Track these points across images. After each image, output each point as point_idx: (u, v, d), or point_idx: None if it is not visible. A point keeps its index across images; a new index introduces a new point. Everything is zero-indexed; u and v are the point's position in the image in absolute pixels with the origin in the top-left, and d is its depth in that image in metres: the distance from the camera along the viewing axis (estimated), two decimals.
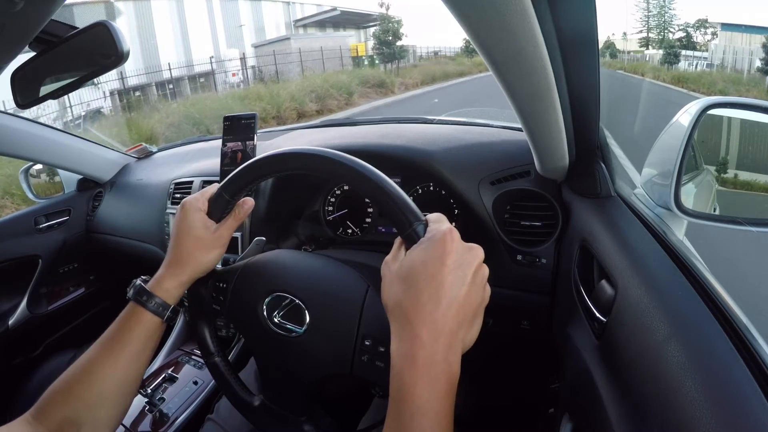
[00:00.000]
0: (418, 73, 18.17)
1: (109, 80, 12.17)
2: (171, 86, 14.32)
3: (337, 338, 0.48)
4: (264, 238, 0.65)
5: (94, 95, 12.03)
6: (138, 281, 0.53)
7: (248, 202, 0.56)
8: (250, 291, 0.54)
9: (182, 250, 0.53)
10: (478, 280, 0.40)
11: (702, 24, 26.75)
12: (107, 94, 12.54)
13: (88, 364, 0.48)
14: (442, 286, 0.37)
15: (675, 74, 18.32)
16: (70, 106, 10.81)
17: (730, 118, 0.70)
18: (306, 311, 0.50)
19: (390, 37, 19.65)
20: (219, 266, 0.59)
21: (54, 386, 0.48)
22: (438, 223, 0.41)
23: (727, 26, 23.71)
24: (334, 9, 22.59)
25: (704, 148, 0.70)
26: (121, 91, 12.78)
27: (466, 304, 0.38)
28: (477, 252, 0.40)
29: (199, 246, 0.53)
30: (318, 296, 0.51)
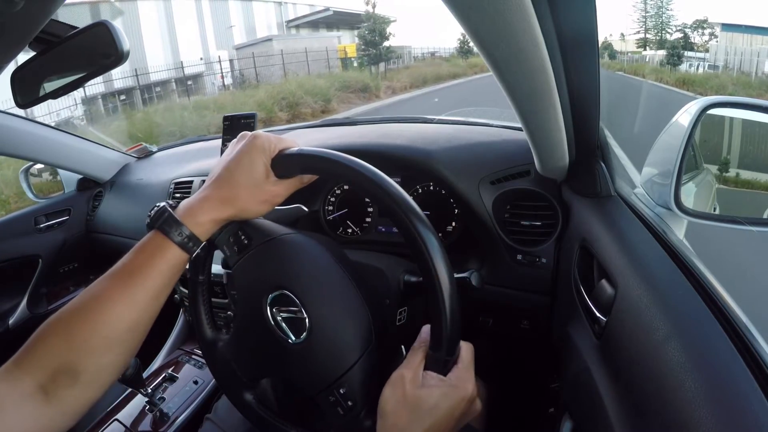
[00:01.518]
0: (408, 76, 17.43)
1: (89, 84, 11.60)
2: (158, 89, 13.62)
3: (318, 369, 0.47)
4: (306, 208, 0.62)
5: (65, 103, 10.83)
6: (163, 204, 0.45)
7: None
8: (267, 270, 0.50)
9: (233, 187, 0.45)
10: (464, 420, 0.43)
11: (700, 25, 26.31)
12: (77, 101, 11.39)
13: (96, 302, 0.40)
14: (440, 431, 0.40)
15: (679, 76, 17.75)
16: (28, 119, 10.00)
17: (732, 118, 0.70)
18: (306, 326, 0.48)
19: (376, 38, 18.58)
20: (219, 272, 0.58)
21: (46, 328, 0.40)
22: (467, 372, 0.43)
23: (727, 27, 23.15)
24: (327, 9, 21.89)
25: (705, 148, 0.71)
26: (106, 95, 12.04)
27: None
28: (478, 407, 0.44)
29: (253, 192, 0.46)
30: (324, 322, 0.48)
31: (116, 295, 0.41)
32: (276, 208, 0.52)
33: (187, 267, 0.49)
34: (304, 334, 0.48)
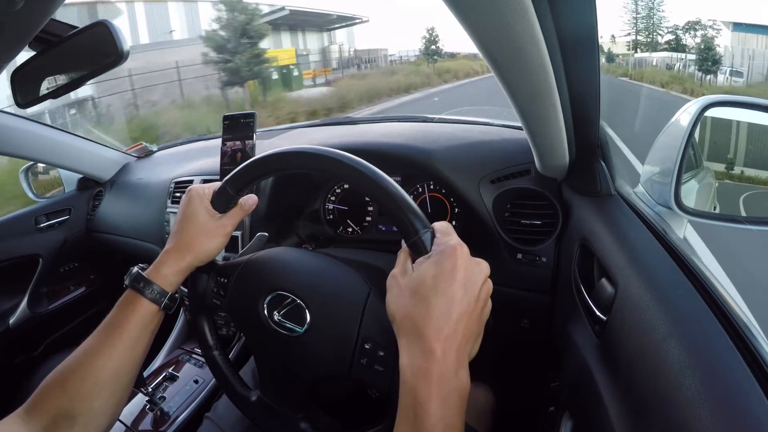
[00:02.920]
0: (315, 100, 10.99)
1: None
2: (73, 111, 10.39)
3: (337, 340, 0.48)
4: (266, 234, 0.65)
5: None
6: (135, 268, 0.52)
7: (252, 198, 0.56)
8: (252, 288, 0.54)
9: (184, 236, 0.52)
10: (483, 295, 0.40)
11: (692, 26, 24.48)
12: None
13: (84, 354, 0.47)
14: (453, 302, 0.37)
15: (727, 88, 14.22)
16: None
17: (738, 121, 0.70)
18: (307, 311, 0.50)
19: (229, 40, 11.25)
20: (221, 260, 0.59)
21: (48, 379, 0.47)
22: (446, 235, 0.41)
23: (739, 26, 19.30)
24: (283, 8, 16.74)
25: (712, 147, 0.71)
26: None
27: (473, 318, 0.39)
28: (484, 267, 0.41)
29: (202, 232, 0.52)
30: (319, 297, 0.50)
31: (99, 346, 0.48)
32: (243, 250, 0.61)
33: (208, 333, 0.58)
34: (308, 317, 0.49)
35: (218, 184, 0.55)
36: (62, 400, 0.45)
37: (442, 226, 0.42)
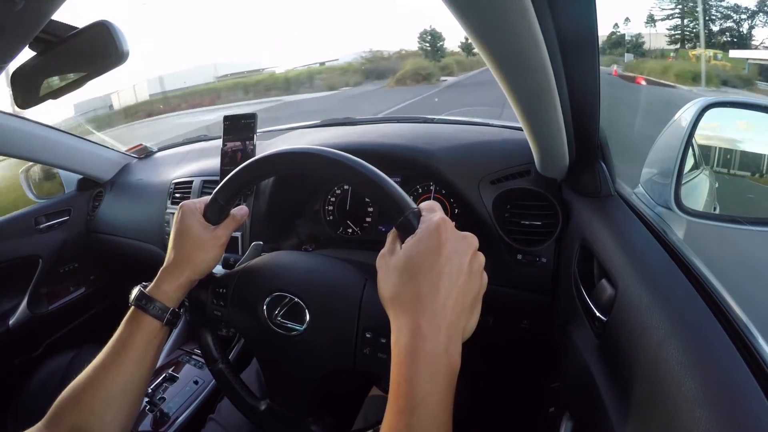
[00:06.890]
0: None
1: None
2: None
3: (338, 333, 0.48)
4: (261, 243, 0.65)
5: None
6: (138, 287, 0.53)
7: (243, 209, 0.57)
8: (250, 293, 0.54)
9: (181, 251, 0.53)
10: (475, 268, 0.39)
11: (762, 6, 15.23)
12: None
13: (93, 371, 0.50)
14: (440, 276, 0.37)
15: None
16: None
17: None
18: (306, 309, 0.50)
19: None
20: (219, 272, 0.59)
21: (62, 395, 0.49)
22: (431, 212, 0.41)
23: None
24: None
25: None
26: None
27: (464, 292, 0.38)
28: (471, 240, 0.40)
29: (197, 246, 0.53)
30: (317, 293, 0.51)
31: (107, 363, 0.50)
32: (240, 260, 0.62)
33: (212, 346, 0.58)
34: (307, 315, 0.50)
35: (209, 198, 0.56)
36: (75, 415, 0.48)
37: (427, 204, 0.42)
